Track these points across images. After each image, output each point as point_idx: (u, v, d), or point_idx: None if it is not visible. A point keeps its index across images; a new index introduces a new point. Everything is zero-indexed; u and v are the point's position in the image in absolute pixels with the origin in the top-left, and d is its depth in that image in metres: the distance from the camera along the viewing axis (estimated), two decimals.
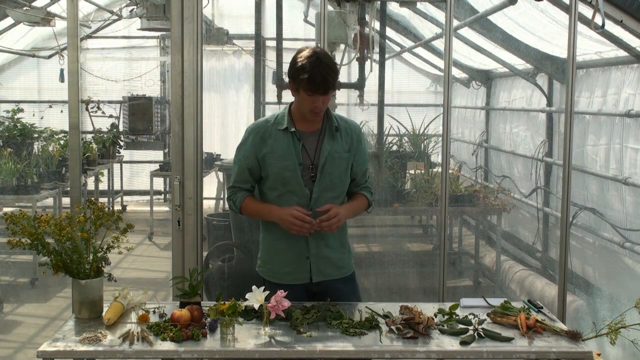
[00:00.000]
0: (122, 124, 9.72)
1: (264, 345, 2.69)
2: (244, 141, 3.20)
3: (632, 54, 4.81)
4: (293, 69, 3.02)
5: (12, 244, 2.89)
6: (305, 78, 2.95)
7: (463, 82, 9.21)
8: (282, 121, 3.14)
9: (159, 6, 5.90)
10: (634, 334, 2.98)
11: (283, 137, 3.12)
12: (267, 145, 3.13)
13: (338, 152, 3.15)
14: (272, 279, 3.24)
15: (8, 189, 6.81)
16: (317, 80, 2.95)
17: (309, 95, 2.99)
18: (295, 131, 3.12)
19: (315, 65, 2.94)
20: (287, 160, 3.11)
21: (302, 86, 2.98)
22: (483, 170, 8.38)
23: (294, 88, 3.06)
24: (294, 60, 3.04)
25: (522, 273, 6.42)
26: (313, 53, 2.99)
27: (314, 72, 2.94)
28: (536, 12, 5.35)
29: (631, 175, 4.91)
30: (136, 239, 8.43)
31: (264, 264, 3.31)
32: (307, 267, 3.20)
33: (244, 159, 3.19)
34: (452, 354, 2.68)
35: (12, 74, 10.42)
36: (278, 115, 3.19)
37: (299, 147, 3.12)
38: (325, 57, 3.00)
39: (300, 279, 3.21)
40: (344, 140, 3.18)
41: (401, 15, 7.92)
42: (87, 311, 2.94)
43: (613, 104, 5.29)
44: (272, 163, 3.12)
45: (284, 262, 3.22)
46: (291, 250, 3.19)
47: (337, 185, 3.18)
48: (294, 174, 3.11)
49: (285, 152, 3.11)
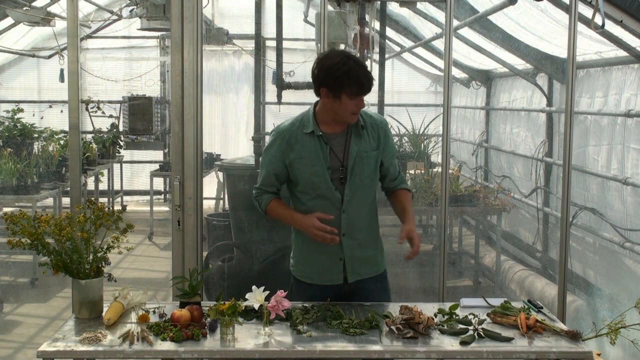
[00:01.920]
0: (122, 124, 9.71)
1: (264, 345, 2.69)
2: (270, 145, 3.16)
3: (632, 54, 4.81)
4: (332, 77, 2.94)
5: (12, 244, 2.89)
6: (352, 82, 2.92)
7: (463, 82, 9.20)
8: (308, 124, 3.09)
9: (159, 6, 5.90)
10: (634, 334, 2.98)
11: (309, 141, 3.08)
12: (294, 151, 3.08)
13: (366, 151, 3.11)
14: (305, 279, 3.23)
15: (8, 189, 6.81)
16: (364, 82, 2.94)
17: (353, 98, 2.96)
18: (321, 135, 3.08)
19: (355, 68, 2.93)
20: (316, 165, 3.07)
21: (346, 91, 2.94)
22: (483, 170, 8.38)
23: (331, 95, 2.98)
24: (327, 68, 2.96)
25: (522, 273, 6.42)
26: (346, 57, 2.96)
27: (359, 75, 2.93)
28: (536, 12, 5.35)
29: (632, 176, 4.91)
30: (136, 239, 8.43)
31: (297, 264, 3.28)
32: (341, 268, 3.17)
33: (270, 164, 3.15)
34: (452, 354, 2.68)
35: (12, 74, 10.42)
36: (302, 118, 3.13)
37: (327, 150, 3.08)
38: (357, 58, 3.01)
39: (333, 280, 3.19)
40: (370, 138, 3.14)
41: (401, 15, 7.92)
42: (87, 311, 2.94)
43: (614, 105, 5.28)
44: (301, 169, 3.09)
45: (316, 263, 3.20)
46: (324, 252, 3.15)
47: (368, 185, 3.16)
48: (323, 178, 3.08)
49: (313, 157, 3.07)
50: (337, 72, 2.93)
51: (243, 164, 5.58)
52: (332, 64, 2.96)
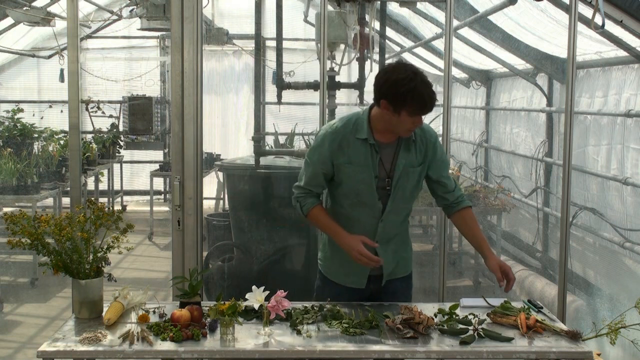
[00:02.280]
0: (122, 124, 9.71)
1: (264, 345, 2.69)
2: (320, 144, 3.08)
3: (632, 54, 4.81)
4: (396, 92, 2.88)
5: (12, 244, 2.89)
6: (415, 101, 2.87)
7: (463, 82, 9.20)
8: (361, 130, 3.03)
9: (159, 6, 5.90)
10: (634, 334, 2.98)
11: (361, 147, 3.03)
12: (344, 154, 3.04)
13: (412, 166, 3.09)
14: (330, 277, 3.24)
15: (8, 189, 6.81)
16: (427, 103, 2.89)
17: (413, 116, 2.92)
18: (374, 143, 3.04)
19: (422, 87, 2.87)
20: (364, 173, 3.05)
21: (408, 109, 2.89)
22: (483, 170, 8.38)
23: (392, 109, 2.92)
24: (393, 82, 2.90)
25: (522, 273, 6.42)
26: (414, 74, 2.89)
27: (424, 95, 2.88)
28: (536, 11, 5.35)
29: (632, 176, 4.91)
30: (136, 239, 8.43)
31: (325, 260, 3.28)
32: (366, 273, 3.18)
33: (319, 163, 3.09)
34: (452, 354, 2.68)
35: (12, 74, 10.42)
36: (356, 121, 3.07)
37: (377, 160, 3.05)
38: (424, 76, 2.92)
39: (355, 283, 3.20)
40: (418, 152, 3.11)
41: (401, 15, 7.92)
42: (87, 311, 2.94)
43: (614, 105, 5.29)
44: (348, 173, 3.06)
45: (344, 264, 3.18)
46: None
47: (408, 198, 3.16)
48: (369, 187, 3.06)
49: (362, 165, 3.04)
50: (402, 87, 2.87)
51: (243, 164, 5.58)
52: (399, 78, 2.89)
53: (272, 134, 8.68)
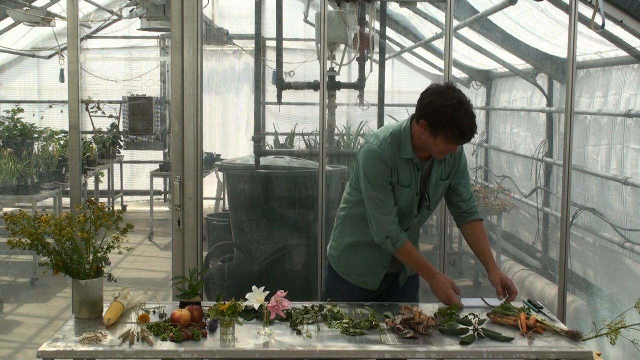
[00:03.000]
0: (122, 124, 9.72)
1: (264, 345, 2.69)
2: (376, 164, 3.02)
3: (632, 54, 4.81)
4: (437, 117, 2.87)
5: (12, 244, 2.89)
6: (454, 130, 2.85)
7: (463, 82, 9.20)
8: (406, 149, 3.03)
9: (159, 6, 5.90)
10: (634, 334, 2.98)
11: (406, 166, 3.05)
12: (395, 173, 3.04)
13: (442, 179, 3.13)
14: (343, 275, 3.26)
15: (8, 189, 6.81)
16: (466, 134, 2.88)
17: (449, 142, 2.91)
18: (418, 163, 3.06)
19: (464, 119, 2.85)
20: (408, 191, 3.07)
21: (446, 135, 2.88)
22: (483, 170, 8.38)
23: (429, 131, 2.91)
24: (435, 107, 2.88)
25: (522, 273, 6.42)
26: (459, 102, 2.86)
27: (464, 127, 2.85)
28: (536, 12, 5.35)
29: (632, 176, 4.91)
30: (136, 239, 8.43)
31: (339, 258, 3.28)
32: (381, 276, 3.21)
33: (385, 182, 3.03)
34: (452, 354, 2.68)
35: (12, 74, 10.42)
36: (400, 139, 3.04)
37: (419, 178, 3.08)
38: (469, 106, 2.89)
39: (369, 284, 3.23)
40: (447, 164, 3.13)
41: (401, 15, 7.92)
42: (87, 311, 2.94)
43: (614, 105, 5.29)
44: (396, 192, 3.06)
45: (360, 264, 3.22)
46: (371, 257, 3.18)
47: (433, 208, 3.21)
48: (410, 204, 3.10)
49: (408, 184, 3.06)
50: (444, 114, 2.85)
51: (243, 164, 5.58)
52: (443, 105, 2.86)
53: (272, 134, 8.68)
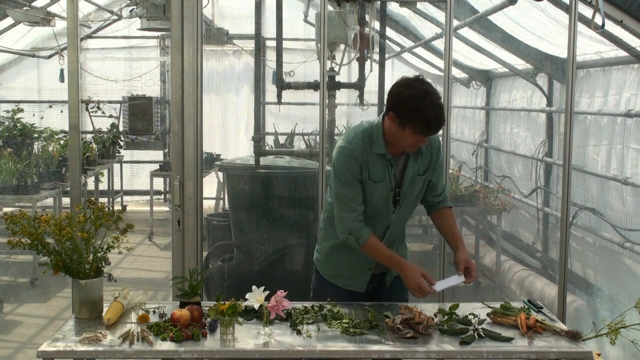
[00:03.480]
0: (122, 124, 9.72)
1: (264, 345, 2.69)
2: (347, 161, 3.02)
3: (632, 54, 4.81)
4: (403, 108, 2.88)
5: (12, 244, 2.89)
6: (420, 122, 2.84)
7: (463, 82, 9.20)
8: (378, 145, 3.02)
9: (159, 6, 5.90)
10: (634, 334, 2.98)
11: (378, 162, 3.04)
12: (366, 169, 3.03)
13: (419, 174, 3.11)
14: (329, 279, 3.24)
15: (8, 189, 6.81)
16: (433, 126, 2.86)
17: (417, 134, 2.90)
18: (391, 158, 3.04)
19: (430, 109, 2.83)
20: (382, 188, 3.05)
21: (412, 127, 2.87)
22: (483, 170, 8.38)
23: (397, 123, 2.91)
24: (403, 98, 2.88)
25: (522, 273, 6.42)
26: (426, 93, 2.85)
27: (430, 118, 2.84)
28: (536, 11, 5.35)
29: (632, 176, 4.91)
30: (136, 239, 8.43)
31: (324, 262, 3.27)
32: (368, 278, 3.20)
33: (354, 178, 3.02)
34: (452, 354, 2.68)
35: (12, 74, 10.42)
36: (372, 136, 3.03)
37: (392, 173, 3.06)
38: (437, 97, 2.88)
39: (356, 286, 3.21)
40: (424, 159, 3.11)
41: (401, 15, 7.92)
42: (87, 311, 2.94)
43: (614, 105, 5.28)
44: (368, 189, 3.05)
45: (345, 267, 3.20)
46: (356, 259, 3.16)
47: (413, 205, 3.19)
48: (385, 200, 3.07)
49: (381, 179, 3.04)
50: (409, 105, 2.85)
51: (243, 164, 5.58)
52: (409, 95, 2.87)
53: (272, 134, 8.68)
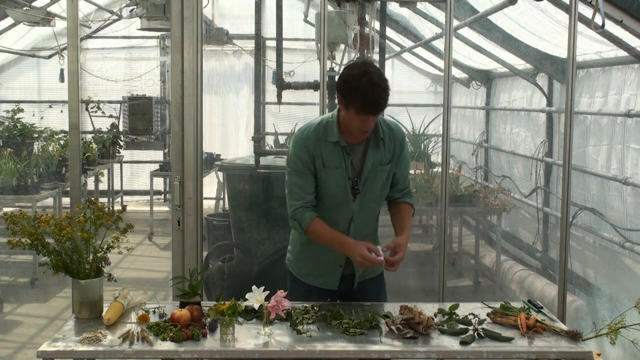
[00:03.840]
0: (122, 124, 9.72)
1: (264, 345, 2.69)
2: (298, 150, 3.03)
3: (632, 54, 4.81)
4: (344, 88, 2.88)
5: (12, 244, 2.89)
6: (358, 100, 2.83)
7: (463, 82, 9.20)
8: (332, 133, 3.01)
9: (159, 6, 5.90)
10: (634, 334, 2.98)
11: (333, 150, 3.02)
12: (319, 157, 3.02)
13: (381, 164, 3.07)
14: (301, 278, 3.22)
15: (8, 189, 6.81)
16: (370, 103, 2.83)
17: (360, 115, 2.87)
18: (345, 146, 3.02)
19: (368, 87, 2.81)
20: (337, 176, 3.03)
21: (353, 107, 2.86)
22: (483, 170, 8.38)
23: (343, 105, 2.91)
24: (344, 78, 2.89)
25: (522, 273, 6.42)
26: (364, 72, 2.84)
27: (367, 95, 2.82)
28: (536, 12, 5.35)
29: (632, 176, 4.91)
30: (136, 239, 8.43)
31: (295, 262, 3.26)
32: (338, 275, 3.17)
33: (305, 167, 3.02)
34: (452, 354, 2.68)
35: (12, 74, 10.42)
36: (326, 124, 3.04)
37: (349, 161, 3.04)
38: (377, 77, 2.85)
39: (329, 284, 3.19)
40: (387, 149, 3.08)
41: (401, 15, 7.93)
42: (87, 311, 2.94)
43: (614, 105, 5.29)
44: (322, 177, 3.04)
45: (316, 266, 3.19)
46: (326, 257, 3.14)
47: (378, 196, 3.14)
48: (342, 189, 3.04)
49: (336, 167, 3.02)
50: (349, 84, 2.86)
51: (243, 164, 5.58)
52: (349, 74, 2.88)
53: (272, 134, 8.68)
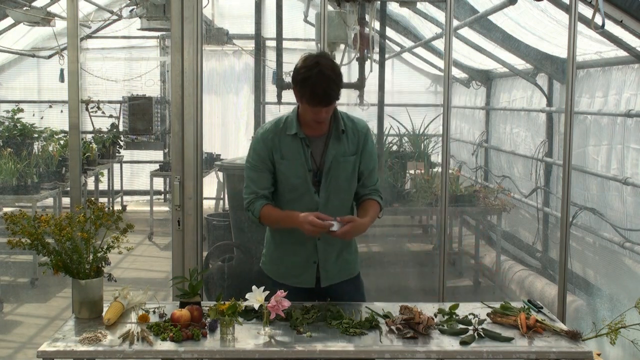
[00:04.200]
0: (122, 124, 9.72)
1: (264, 345, 2.69)
2: (256, 146, 3.13)
3: (632, 54, 4.81)
4: (296, 79, 2.94)
5: (12, 244, 2.89)
6: (308, 91, 2.88)
7: (463, 82, 9.20)
8: (291, 126, 3.07)
9: (159, 6, 5.90)
10: (634, 334, 2.98)
11: (292, 143, 3.07)
12: (277, 151, 3.07)
13: (344, 155, 3.09)
14: (277, 279, 3.22)
15: (8, 189, 6.81)
16: (319, 94, 2.88)
17: (311, 106, 2.93)
18: (304, 137, 3.07)
19: (317, 78, 2.87)
20: (297, 167, 3.06)
21: (305, 98, 2.92)
22: (483, 170, 8.38)
23: (298, 96, 2.99)
24: (297, 69, 2.96)
25: (522, 273, 6.42)
26: (315, 64, 2.90)
27: (316, 86, 2.87)
28: (536, 12, 5.35)
29: (632, 176, 4.91)
30: (136, 239, 8.43)
31: (269, 263, 3.27)
32: (314, 272, 3.17)
33: (260, 163, 3.11)
34: (452, 354, 2.68)
35: (12, 74, 10.42)
36: (287, 119, 3.11)
37: (308, 153, 3.07)
38: (327, 68, 2.90)
39: (306, 282, 3.19)
40: (350, 142, 3.11)
41: (401, 15, 7.93)
42: (87, 311, 2.94)
43: (614, 105, 5.29)
44: (282, 170, 3.08)
45: (290, 265, 3.19)
46: (299, 255, 3.16)
47: (344, 189, 3.14)
48: (303, 181, 3.07)
49: (295, 159, 3.06)
50: (299, 75, 2.93)
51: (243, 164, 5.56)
52: (300, 66, 2.95)
53: None
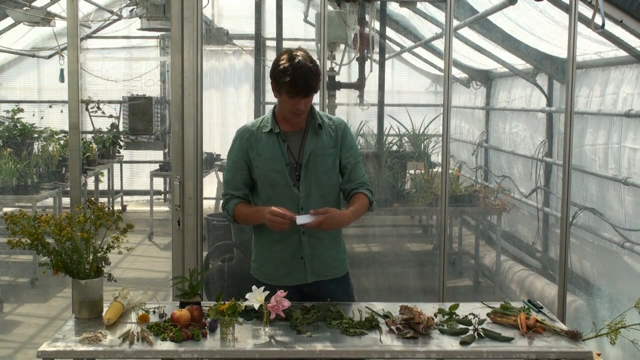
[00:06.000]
0: (122, 124, 9.72)
1: (264, 345, 2.69)
2: (232, 147, 3.22)
3: (632, 54, 4.81)
4: (275, 72, 3.02)
5: (12, 244, 2.89)
6: (287, 81, 2.95)
7: (463, 82, 9.21)
8: (267, 123, 3.16)
9: (159, 6, 5.91)
10: (634, 334, 2.98)
11: (268, 139, 3.14)
12: (254, 149, 3.14)
13: (322, 149, 3.14)
14: (267, 281, 3.20)
15: (8, 189, 6.81)
16: (299, 84, 2.95)
17: (291, 97, 2.99)
18: (279, 132, 3.13)
19: (296, 68, 2.94)
20: (274, 162, 3.11)
21: (284, 89, 2.98)
22: (483, 170, 8.38)
23: (275, 90, 3.06)
24: (275, 63, 3.04)
25: (522, 273, 6.42)
26: (294, 56, 2.99)
27: (296, 75, 2.94)
28: (536, 12, 5.35)
29: (630, 175, 4.91)
30: (136, 239, 8.43)
31: (259, 267, 3.28)
32: (302, 268, 3.18)
33: (234, 165, 3.20)
34: (452, 354, 2.68)
35: (12, 74, 10.43)
36: (263, 119, 3.21)
37: (285, 147, 3.12)
38: (306, 60, 2.99)
39: (295, 279, 3.19)
40: (328, 136, 3.17)
41: (401, 15, 7.93)
42: (87, 311, 2.94)
43: (611, 103, 5.29)
44: (259, 166, 3.13)
45: (278, 263, 3.21)
46: (285, 252, 3.18)
47: (326, 182, 3.16)
48: (282, 175, 3.11)
49: (271, 154, 3.12)
50: (277, 67, 3.00)
51: None
52: (280, 59, 3.02)
53: None
